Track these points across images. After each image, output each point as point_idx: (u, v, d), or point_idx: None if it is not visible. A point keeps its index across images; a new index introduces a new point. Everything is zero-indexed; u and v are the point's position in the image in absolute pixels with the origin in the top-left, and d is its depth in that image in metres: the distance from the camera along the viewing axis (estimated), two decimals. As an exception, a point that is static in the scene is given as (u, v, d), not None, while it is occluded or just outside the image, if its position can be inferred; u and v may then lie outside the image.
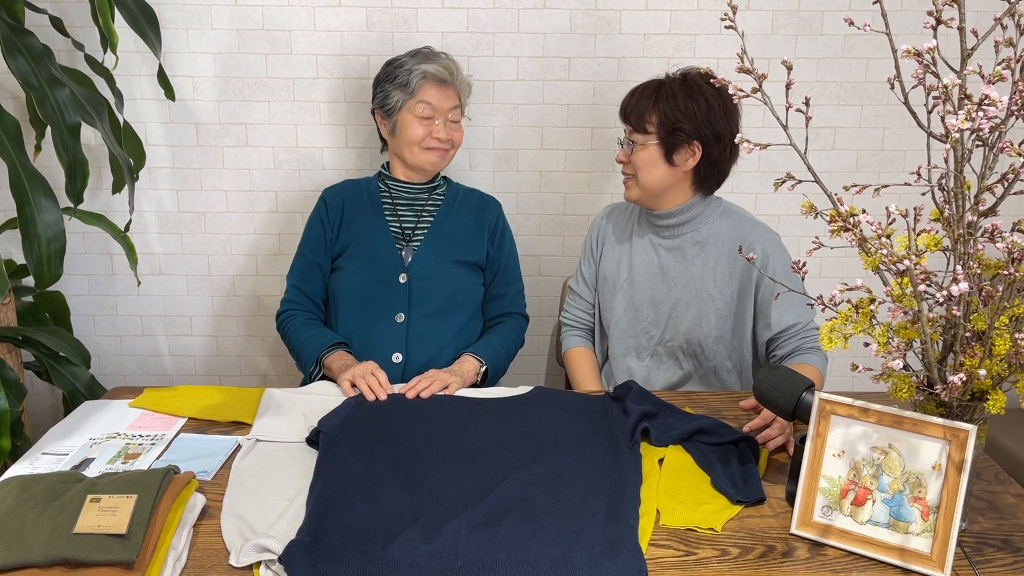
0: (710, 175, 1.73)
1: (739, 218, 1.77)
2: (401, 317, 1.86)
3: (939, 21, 1.03)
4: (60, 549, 1.03)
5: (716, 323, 1.75)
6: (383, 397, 1.56)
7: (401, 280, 1.87)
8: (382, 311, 1.87)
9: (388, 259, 1.89)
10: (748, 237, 1.73)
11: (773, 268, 1.71)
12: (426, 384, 1.61)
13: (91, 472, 1.32)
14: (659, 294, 1.78)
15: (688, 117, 1.66)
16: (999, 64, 1.01)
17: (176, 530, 1.13)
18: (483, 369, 1.80)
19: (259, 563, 1.09)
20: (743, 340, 1.77)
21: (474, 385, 1.76)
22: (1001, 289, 1.07)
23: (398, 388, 1.62)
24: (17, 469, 1.34)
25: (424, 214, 1.95)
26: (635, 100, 1.72)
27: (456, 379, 1.66)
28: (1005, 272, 1.04)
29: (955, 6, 1.03)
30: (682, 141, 1.67)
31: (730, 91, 1.13)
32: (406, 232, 1.92)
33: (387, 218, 1.93)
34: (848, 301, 1.11)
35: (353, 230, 1.92)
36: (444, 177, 2.03)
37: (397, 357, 1.84)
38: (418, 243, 1.91)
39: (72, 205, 1.81)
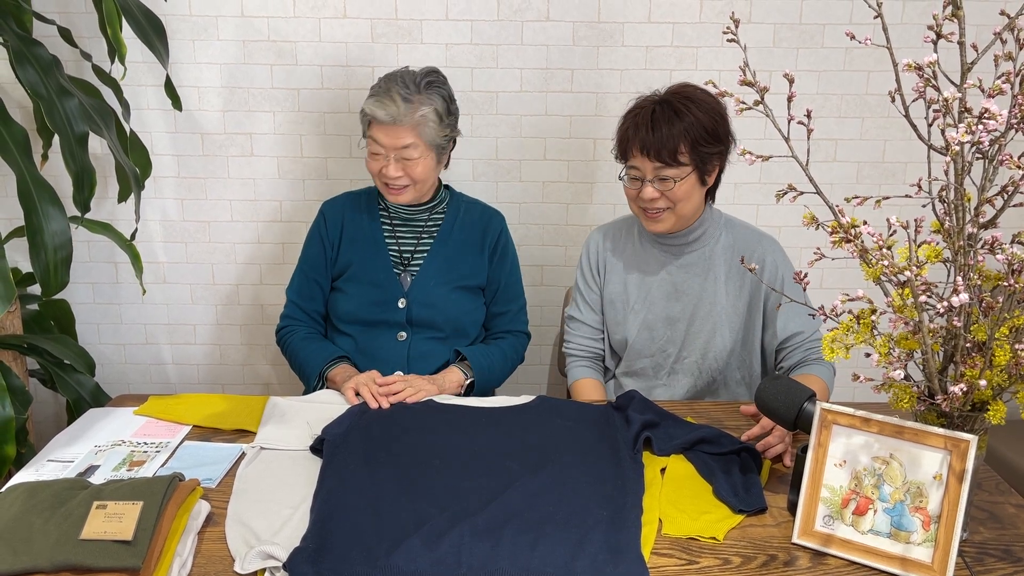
0: (718, 182, 1.73)
1: (743, 229, 1.78)
2: (403, 335, 1.85)
3: (939, 35, 1.04)
4: (66, 555, 1.04)
5: (730, 336, 1.75)
6: (386, 405, 1.57)
7: (400, 305, 1.85)
8: (383, 331, 1.86)
9: (387, 284, 1.86)
10: (754, 248, 1.74)
11: (781, 277, 1.71)
12: (401, 388, 1.62)
13: (96, 479, 1.33)
14: (674, 312, 1.77)
15: (714, 136, 1.63)
16: (999, 78, 1.02)
17: (181, 537, 1.14)
18: (468, 382, 1.79)
19: (264, 570, 1.10)
20: (752, 351, 1.78)
21: (466, 395, 1.77)
22: (1001, 300, 1.07)
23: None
24: (22, 476, 1.35)
25: (424, 235, 1.90)
26: (659, 132, 1.61)
27: (433, 388, 1.68)
28: (1005, 283, 1.05)
29: (955, 20, 1.04)
30: (714, 161, 1.65)
31: (732, 103, 1.15)
32: (404, 256, 1.89)
33: (386, 240, 1.89)
34: (849, 312, 1.12)
35: (352, 251, 1.89)
36: (447, 187, 1.99)
37: (399, 375, 1.82)
38: (417, 267, 1.88)
39: (79, 214, 1.82)
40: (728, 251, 1.75)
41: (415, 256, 1.89)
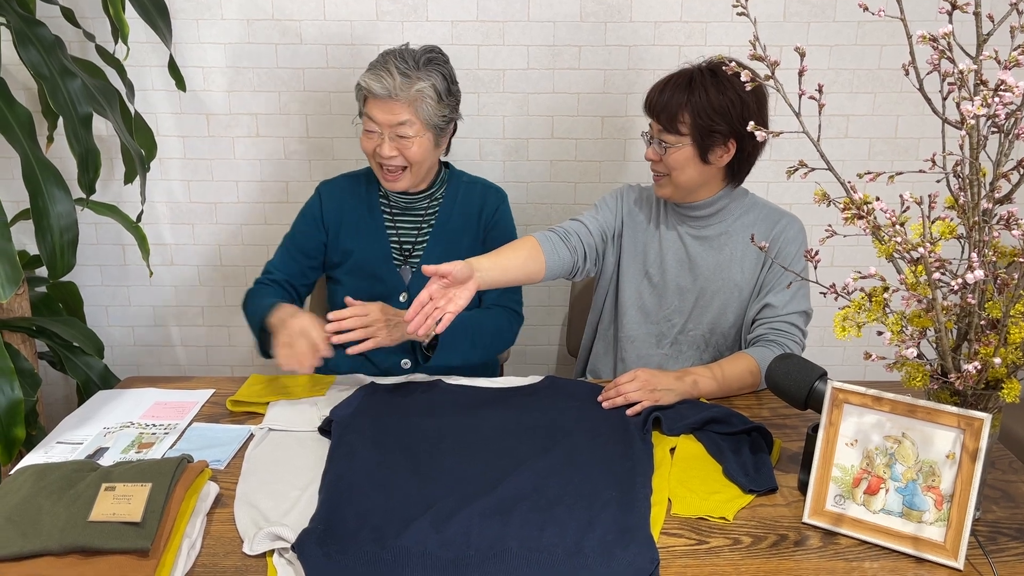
0: (742, 168, 1.69)
1: (766, 208, 1.75)
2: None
3: (954, 6, 1.02)
4: (75, 537, 1.04)
5: (741, 313, 1.73)
6: (305, 370, 1.50)
7: (402, 300, 1.80)
8: None
9: (387, 277, 1.81)
10: (773, 226, 1.71)
11: (781, 250, 1.70)
12: (352, 326, 1.55)
13: (105, 461, 1.33)
14: (686, 282, 1.76)
15: (723, 116, 1.59)
16: (1015, 49, 1.00)
17: (190, 518, 1.14)
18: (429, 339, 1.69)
19: (272, 551, 1.10)
20: None
21: (432, 348, 1.70)
22: (1017, 277, 1.06)
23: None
24: (32, 458, 1.35)
25: (424, 224, 1.84)
26: (664, 95, 1.61)
27: (386, 338, 1.59)
28: (1020, 260, 1.04)
29: (971, -9, 1.02)
30: (718, 141, 1.62)
31: (743, 78, 1.13)
32: (405, 248, 1.83)
33: (387, 230, 1.83)
34: (861, 289, 1.10)
35: (352, 240, 1.82)
36: (448, 167, 1.90)
37: (405, 363, 1.80)
38: (418, 259, 1.82)
39: (84, 196, 1.82)
40: (748, 230, 1.72)
41: (416, 247, 1.83)
